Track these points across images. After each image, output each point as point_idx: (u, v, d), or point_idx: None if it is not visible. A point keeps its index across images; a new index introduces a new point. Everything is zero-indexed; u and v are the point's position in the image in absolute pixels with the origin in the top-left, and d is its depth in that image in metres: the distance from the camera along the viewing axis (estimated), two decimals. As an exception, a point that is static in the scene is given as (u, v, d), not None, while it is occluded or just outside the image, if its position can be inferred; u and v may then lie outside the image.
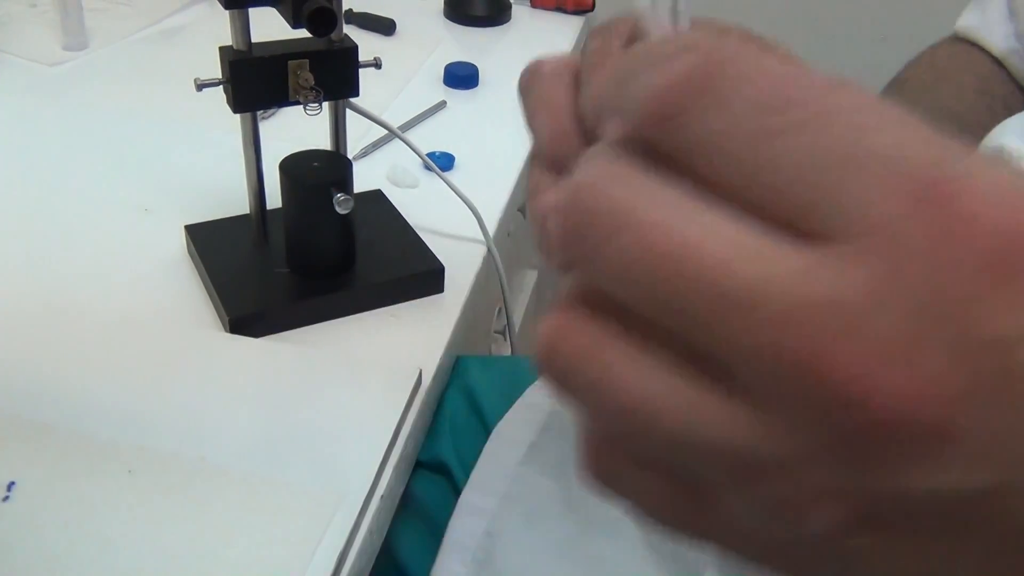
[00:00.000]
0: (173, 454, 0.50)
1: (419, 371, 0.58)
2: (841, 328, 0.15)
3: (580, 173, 0.19)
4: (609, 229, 0.17)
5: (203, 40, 0.98)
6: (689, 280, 0.16)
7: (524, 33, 1.17)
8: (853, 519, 0.17)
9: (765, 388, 0.16)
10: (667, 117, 0.18)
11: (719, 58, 0.17)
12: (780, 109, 0.16)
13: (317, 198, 0.60)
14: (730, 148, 0.17)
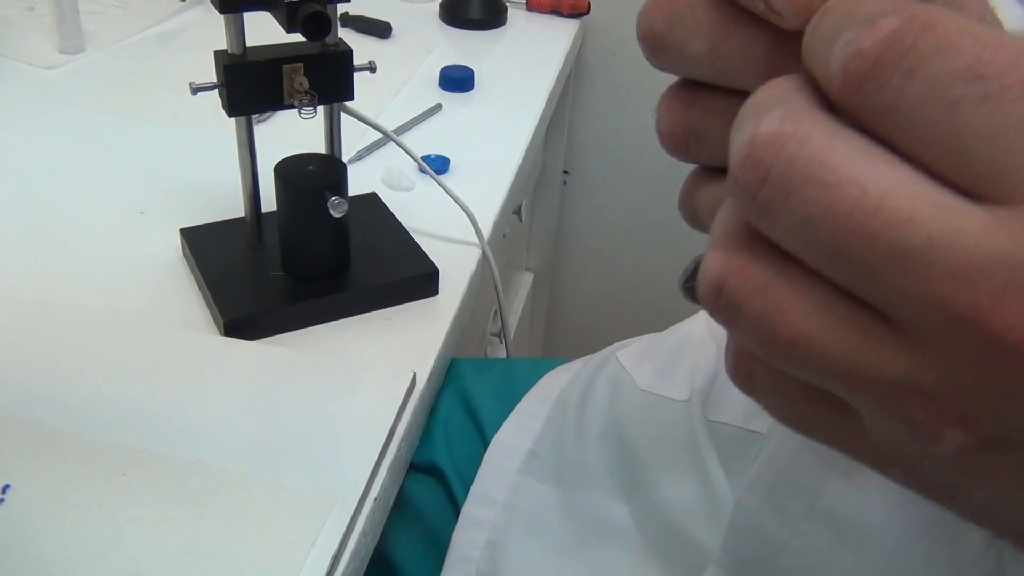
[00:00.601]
0: (168, 456, 0.50)
1: (413, 374, 0.58)
2: (1006, 285, 0.17)
3: (771, 119, 0.19)
4: (794, 182, 0.18)
5: (199, 43, 0.99)
6: (871, 234, 0.18)
7: (520, 36, 1.17)
8: (983, 442, 0.19)
9: (931, 332, 0.18)
10: (867, 78, 0.18)
11: (921, 24, 0.18)
12: (976, 79, 0.17)
13: (312, 201, 0.60)
14: (923, 113, 0.18)
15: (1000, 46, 0.17)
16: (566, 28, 1.20)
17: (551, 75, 1.06)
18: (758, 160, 0.19)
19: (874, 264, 0.18)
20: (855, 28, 0.19)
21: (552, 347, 1.62)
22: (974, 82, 0.17)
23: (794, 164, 0.19)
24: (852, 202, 0.18)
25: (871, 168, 0.18)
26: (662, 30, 0.25)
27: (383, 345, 0.62)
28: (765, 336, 0.20)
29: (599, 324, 1.53)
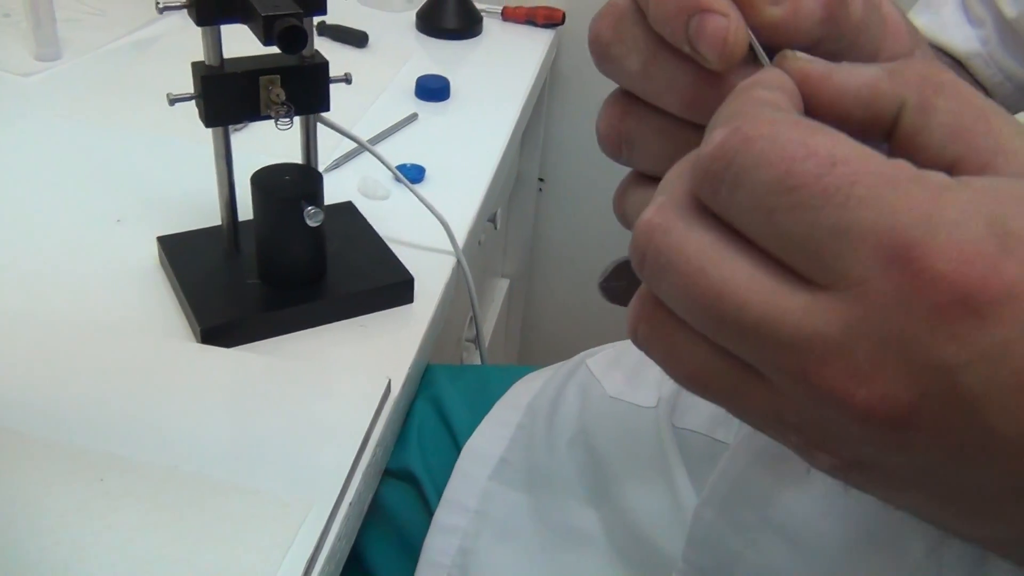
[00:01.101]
0: (144, 462, 0.51)
1: (388, 381, 0.59)
2: (824, 355, 0.21)
3: (650, 209, 0.24)
4: (660, 267, 0.23)
5: (177, 51, 0.99)
6: (718, 313, 0.22)
7: (495, 46, 1.19)
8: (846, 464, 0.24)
9: (781, 386, 0.23)
10: (705, 182, 0.23)
11: (741, 138, 0.22)
12: (786, 190, 0.21)
13: (288, 211, 0.61)
14: (749, 217, 0.22)
15: (807, 157, 0.21)
16: (541, 38, 1.22)
17: (526, 84, 1.08)
18: (636, 245, 0.24)
19: (727, 335, 0.23)
20: (709, 131, 0.23)
21: (528, 353, 1.64)
22: (785, 193, 0.21)
23: (660, 253, 0.23)
24: (700, 288, 0.22)
25: (716, 259, 0.22)
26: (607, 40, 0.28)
27: (358, 352, 0.63)
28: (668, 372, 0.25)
29: (575, 330, 1.55)
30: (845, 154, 0.21)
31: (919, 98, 0.23)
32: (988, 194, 0.21)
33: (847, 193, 0.21)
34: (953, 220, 0.20)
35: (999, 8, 0.56)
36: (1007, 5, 0.55)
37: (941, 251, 0.20)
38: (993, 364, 0.20)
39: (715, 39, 0.25)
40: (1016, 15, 0.55)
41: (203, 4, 0.56)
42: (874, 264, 0.20)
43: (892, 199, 0.20)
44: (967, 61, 0.58)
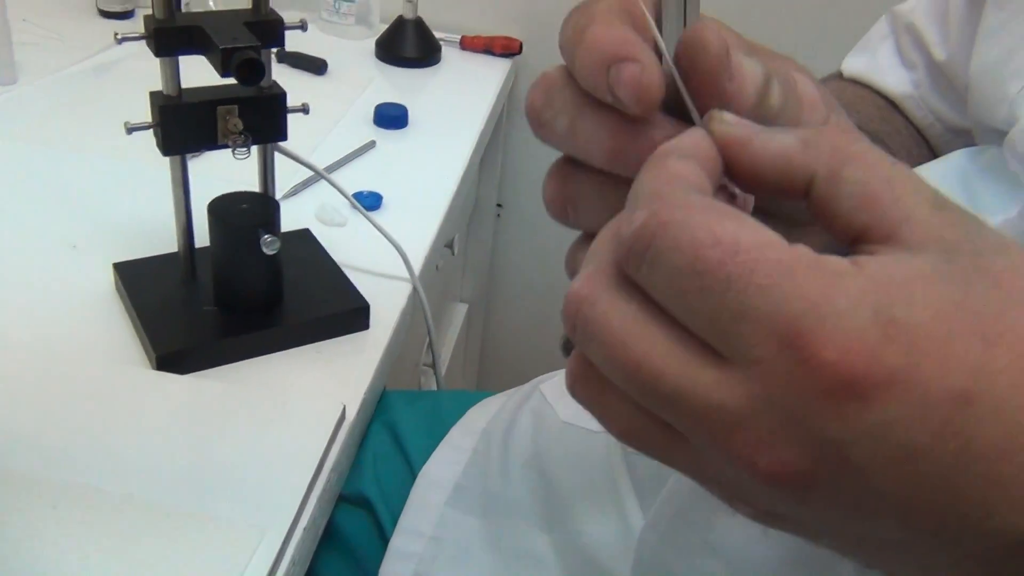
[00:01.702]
0: (98, 489, 0.51)
1: (343, 406, 0.59)
2: (731, 426, 0.24)
3: (578, 279, 0.26)
4: (587, 336, 0.25)
5: (136, 76, 0.99)
6: (638, 383, 0.24)
7: (453, 74, 1.20)
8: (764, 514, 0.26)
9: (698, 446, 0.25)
10: (627, 259, 0.25)
11: (658, 222, 0.24)
12: (695, 274, 0.23)
13: (244, 239, 0.62)
14: (665, 295, 0.24)
15: (714, 245, 0.23)
16: (499, 67, 1.24)
17: (484, 112, 1.09)
18: (566, 314, 0.26)
19: (649, 402, 0.25)
20: (629, 207, 0.25)
21: (487, 377, 1.64)
22: (694, 277, 0.23)
23: (586, 323, 0.25)
24: (622, 359, 0.24)
25: (636, 331, 0.24)
26: (539, 106, 0.30)
27: (314, 378, 0.64)
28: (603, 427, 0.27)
29: (533, 354, 1.56)
30: (748, 242, 0.23)
31: (828, 169, 0.25)
32: (879, 281, 0.23)
33: (747, 280, 0.23)
34: (841, 309, 0.22)
35: (930, 52, 0.58)
36: (937, 49, 0.58)
37: (828, 339, 0.22)
38: (877, 441, 0.22)
39: (631, 84, 0.27)
40: (945, 59, 0.57)
41: (161, 35, 0.57)
42: (770, 347, 0.23)
43: (787, 287, 0.22)
44: (901, 103, 0.60)
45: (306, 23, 0.63)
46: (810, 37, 1.21)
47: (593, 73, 0.27)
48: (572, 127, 0.29)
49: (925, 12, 0.59)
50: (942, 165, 0.47)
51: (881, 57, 0.62)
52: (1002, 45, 0.45)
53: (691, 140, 0.27)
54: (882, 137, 0.54)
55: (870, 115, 0.57)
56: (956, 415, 0.22)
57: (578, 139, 0.29)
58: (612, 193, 0.30)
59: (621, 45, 0.27)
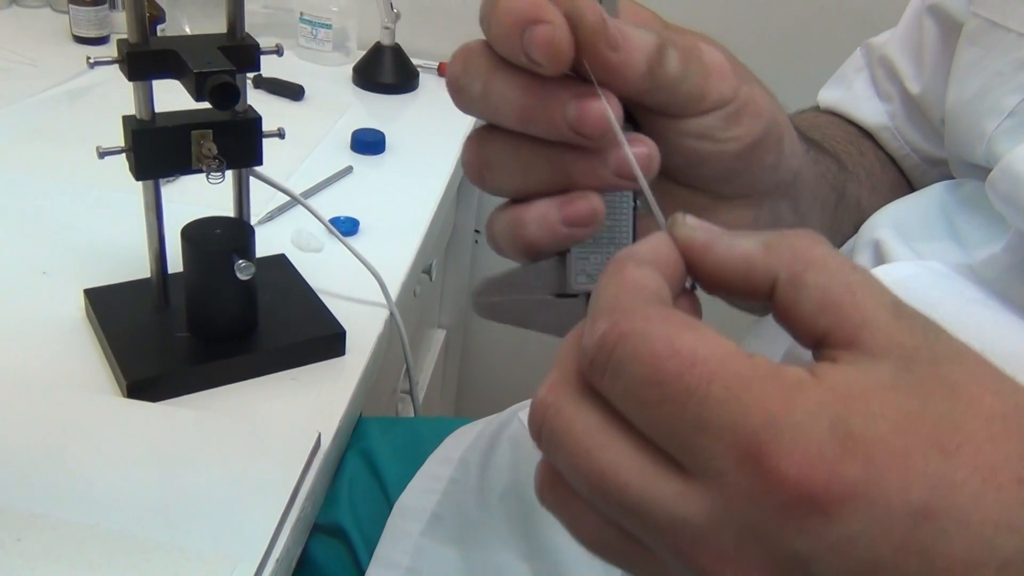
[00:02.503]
0: (65, 520, 0.49)
1: (318, 434, 0.59)
2: (694, 538, 0.23)
3: (543, 386, 0.26)
4: (552, 444, 0.25)
5: (109, 101, 0.99)
6: (602, 493, 0.24)
7: (431, 100, 1.21)
8: None
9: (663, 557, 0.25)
10: (590, 369, 0.25)
11: (618, 333, 0.24)
12: (655, 384, 0.23)
13: (218, 265, 0.61)
14: (627, 406, 0.24)
15: (671, 356, 0.23)
16: (477, 93, 1.24)
17: (461, 138, 1.09)
18: (532, 420, 0.26)
19: (613, 512, 0.25)
20: (591, 318, 0.25)
21: (465, 403, 1.63)
22: (653, 387, 0.23)
23: (552, 431, 0.25)
24: (586, 468, 0.24)
25: (600, 441, 0.24)
26: (457, 74, 0.31)
27: (289, 405, 0.63)
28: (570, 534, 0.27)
29: (511, 381, 1.55)
30: (706, 354, 0.23)
31: (790, 273, 0.25)
32: (837, 392, 0.23)
33: (705, 392, 0.23)
34: (798, 423, 0.22)
35: (904, 85, 0.59)
36: (911, 83, 0.58)
37: (786, 453, 0.22)
38: (840, 556, 0.22)
39: (544, 44, 0.27)
40: (920, 92, 0.57)
41: (135, 60, 0.56)
42: (729, 460, 0.23)
43: (744, 399, 0.22)
44: (877, 134, 0.61)
45: (282, 48, 0.63)
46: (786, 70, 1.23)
47: (508, 36, 0.28)
48: (485, 90, 0.30)
49: (899, 45, 0.59)
50: (922, 198, 0.47)
51: (856, 89, 0.62)
52: (977, 82, 0.45)
53: (650, 246, 0.27)
54: (841, 157, 0.54)
55: (835, 135, 0.58)
56: (917, 530, 0.22)
57: (491, 101, 0.30)
58: (524, 153, 0.31)
59: (533, 8, 0.28)
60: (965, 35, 0.48)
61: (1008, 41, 0.44)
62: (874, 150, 0.60)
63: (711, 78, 0.32)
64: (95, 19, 1.17)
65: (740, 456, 0.22)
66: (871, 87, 0.62)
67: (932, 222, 0.45)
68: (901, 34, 0.59)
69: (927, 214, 0.45)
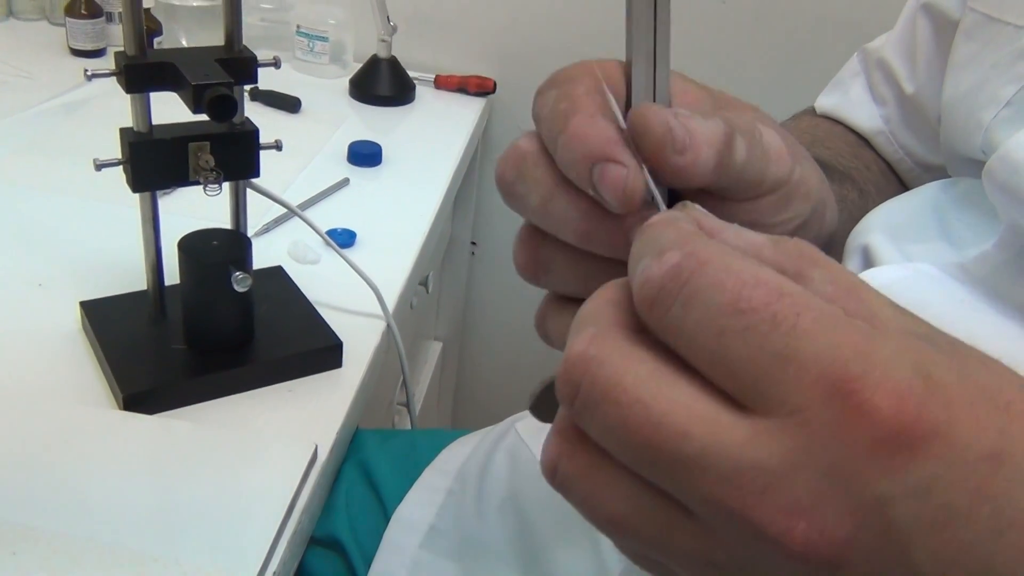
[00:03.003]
0: (60, 534, 0.49)
1: (315, 446, 0.58)
2: (765, 487, 0.22)
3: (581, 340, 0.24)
4: (595, 399, 0.23)
5: (106, 114, 0.99)
6: (656, 445, 0.22)
7: (427, 113, 1.21)
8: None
9: (715, 522, 0.23)
10: (655, 303, 0.23)
11: (696, 261, 0.23)
12: (737, 313, 0.22)
13: (215, 277, 0.61)
14: (699, 338, 0.22)
15: (757, 285, 0.22)
16: (473, 106, 1.24)
17: (458, 150, 1.09)
18: (569, 378, 0.24)
19: (663, 468, 0.23)
20: (650, 255, 0.24)
21: (461, 415, 1.63)
22: (736, 316, 0.22)
23: (595, 384, 0.23)
24: (639, 419, 0.22)
25: (654, 389, 0.23)
26: (510, 179, 0.31)
27: (286, 417, 0.63)
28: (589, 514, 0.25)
29: (508, 393, 1.55)
30: (791, 288, 0.22)
31: (796, 267, 0.25)
32: (908, 342, 0.22)
33: (793, 323, 0.22)
34: (888, 359, 0.22)
35: (900, 86, 0.59)
36: (906, 83, 0.59)
37: (879, 386, 0.21)
38: (920, 500, 0.21)
39: (616, 187, 0.27)
40: (914, 91, 0.58)
41: (132, 72, 0.56)
42: (815, 394, 0.21)
43: (834, 334, 0.22)
44: (872, 138, 0.61)
45: (279, 60, 0.63)
46: (784, 76, 1.23)
47: (576, 167, 0.28)
48: (545, 206, 0.30)
49: (894, 47, 0.60)
50: (915, 198, 0.47)
51: (853, 94, 0.62)
52: (974, 75, 0.46)
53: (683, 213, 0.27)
54: (852, 173, 0.54)
55: (840, 150, 0.58)
56: (990, 476, 0.22)
57: (551, 218, 0.30)
58: (585, 265, 0.30)
59: (606, 144, 0.28)
60: (962, 30, 0.48)
61: (1005, 34, 0.44)
62: (875, 160, 0.60)
63: (770, 162, 0.31)
64: (92, 32, 1.17)
65: (829, 389, 0.21)
66: (867, 92, 0.62)
67: (924, 222, 0.45)
68: (896, 36, 0.60)
69: (919, 214, 0.45)
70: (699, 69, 0.36)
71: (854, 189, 0.51)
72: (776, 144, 0.32)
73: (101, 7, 1.18)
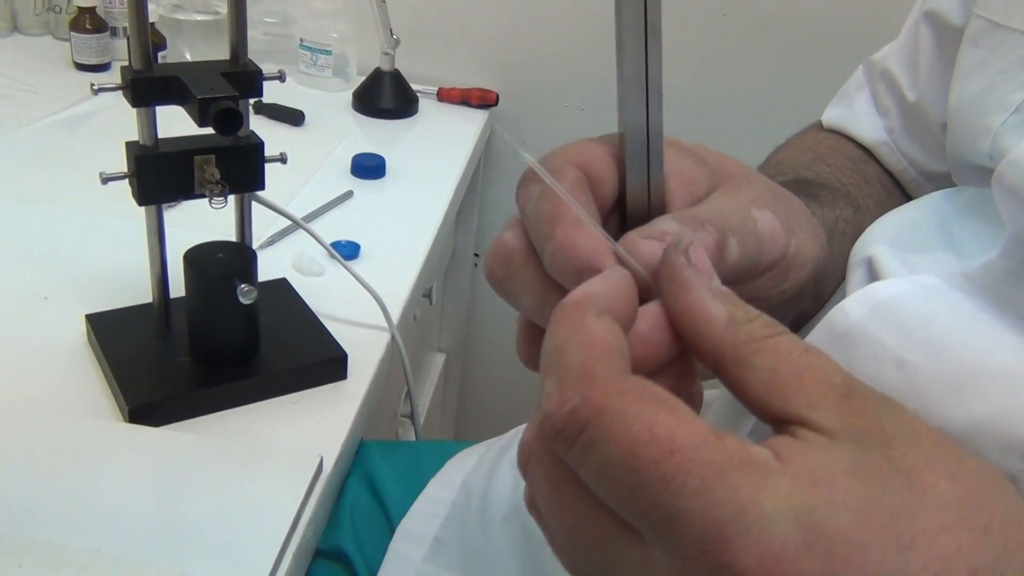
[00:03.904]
0: (67, 547, 0.49)
1: (320, 458, 0.58)
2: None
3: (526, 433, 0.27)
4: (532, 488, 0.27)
5: (110, 128, 0.99)
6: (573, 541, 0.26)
7: (430, 125, 1.21)
8: None
9: None
10: (556, 438, 0.25)
11: (592, 408, 0.24)
12: (628, 470, 0.23)
13: (221, 289, 0.61)
14: (595, 481, 0.24)
15: (648, 442, 0.23)
16: (475, 118, 1.25)
17: (461, 163, 1.10)
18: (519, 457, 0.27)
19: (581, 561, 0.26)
20: (554, 378, 0.25)
21: (465, 427, 1.63)
22: (627, 472, 0.23)
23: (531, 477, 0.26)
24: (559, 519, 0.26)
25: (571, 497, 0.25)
26: (500, 278, 0.32)
27: (291, 429, 0.63)
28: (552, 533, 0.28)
29: (512, 404, 1.55)
30: (683, 441, 0.23)
31: (740, 356, 0.26)
32: (802, 480, 0.23)
33: (681, 482, 0.23)
34: (766, 516, 0.22)
35: (903, 95, 0.59)
36: (909, 90, 0.59)
37: (749, 548, 0.22)
38: None
39: None
40: (917, 98, 0.58)
41: (138, 86, 0.57)
42: (695, 548, 0.23)
43: (719, 491, 0.23)
44: (875, 149, 0.61)
45: (284, 74, 0.63)
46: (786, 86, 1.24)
47: (565, 277, 0.29)
48: (540, 308, 0.30)
49: (897, 57, 0.60)
50: (918, 208, 0.47)
51: (857, 106, 0.63)
52: (981, 81, 0.46)
53: (610, 288, 0.27)
54: (849, 190, 0.54)
55: (841, 166, 0.58)
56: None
57: (544, 314, 0.30)
58: None
59: (592, 254, 0.28)
60: (967, 37, 0.49)
61: (1012, 40, 0.44)
62: (878, 174, 0.60)
63: (765, 247, 0.32)
64: (96, 46, 1.18)
65: (704, 547, 0.23)
66: (870, 103, 0.62)
67: (928, 232, 0.45)
68: (899, 46, 0.60)
69: (923, 224, 0.46)
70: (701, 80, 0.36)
71: (849, 206, 0.51)
72: (770, 226, 0.32)
73: (106, 22, 1.18)
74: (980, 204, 0.44)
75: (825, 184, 0.54)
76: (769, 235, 0.32)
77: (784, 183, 0.49)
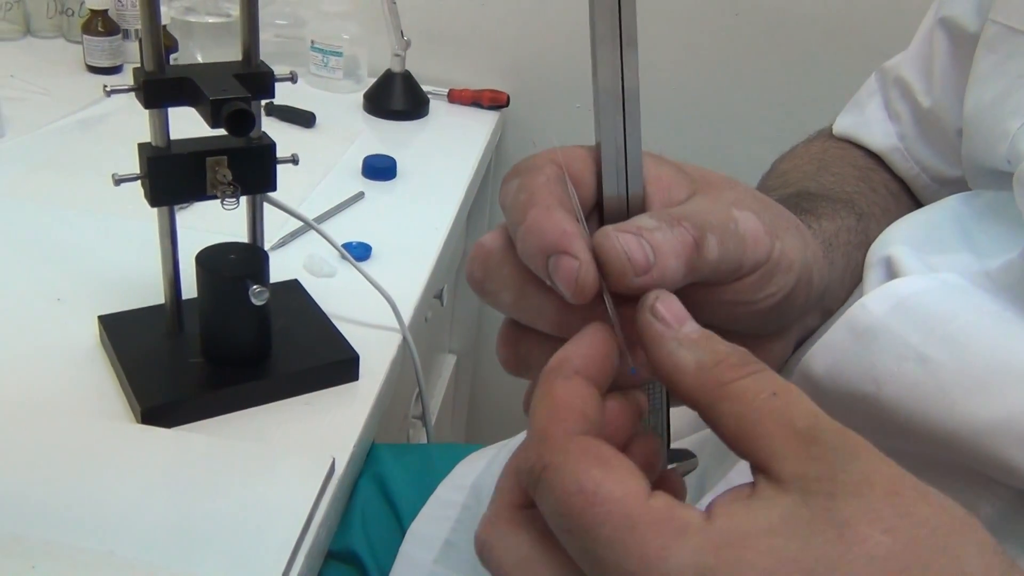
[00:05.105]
0: (79, 548, 0.49)
1: (332, 459, 0.58)
2: None
3: (481, 523, 0.29)
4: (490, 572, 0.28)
5: (122, 130, 0.99)
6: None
7: (441, 127, 1.21)
8: None
9: None
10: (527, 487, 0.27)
11: (541, 466, 0.26)
12: (562, 517, 0.25)
13: (233, 290, 0.61)
14: (550, 524, 0.26)
15: (577, 492, 0.25)
16: (486, 119, 1.25)
17: (472, 164, 1.10)
18: (479, 552, 0.29)
19: None
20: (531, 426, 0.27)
21: (476, 429, 1.63)
22: (564, 519, 0.25)
23: (488, 565, 0.28)
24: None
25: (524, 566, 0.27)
26: (480, 279, 0.32)
27: (303, 431, 0.63)
28: None
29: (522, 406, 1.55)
30: (606, 494, 0.25)
31: (707, 400, 0.26)
32: (713, 541, 0.24)
33: (597, 532, 0.24)
34: (667, 572, 0.23)
35: (917, 101, 0.59)
36: (923, 97, 0.58)
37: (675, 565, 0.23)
38: None
39: (568, 279, 0.28)
40: (931, 104, 0.58)
41: (151, 88, 0.57)
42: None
43: (628, 543, 0.24)
44: (886, 156, 0.61)
45: (296, 75, 0.63)
46: (797, 87, 1.23)
47: (533, 259, 0.29)
48: (517, 303, 0.31)
49: (911, 63, 0.60)
50: (936, 211, 0.47)
51: (869, 113, 0.62)
52: (997, 85, 0.46)
53: (584, 348, 0.28)
54: (854, 198, 0.54)
55: (846, 175, 0.58)
56: None
57: (524, 313, 0.31)
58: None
59: (560, 236, 0.28)
60: (983, 43, 0.48)
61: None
62: (885, 182, 0.60)
63: (747, 249, 0.32)
64: (109, 49, 1.18)
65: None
66: (883, 110, 0.62)
67: (946, 234, 0.44)
68: (913, 52, 0.60)
69: (941, 226, 0.45)
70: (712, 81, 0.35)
71: (851, 215, 0.50)
72: (752, 227, 0.32)
73: (118, 25, 1.19)
74: (999, 207, 0.43)
75: (827, 195, 0.53)
76: (751, 236, 0.32)
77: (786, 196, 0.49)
